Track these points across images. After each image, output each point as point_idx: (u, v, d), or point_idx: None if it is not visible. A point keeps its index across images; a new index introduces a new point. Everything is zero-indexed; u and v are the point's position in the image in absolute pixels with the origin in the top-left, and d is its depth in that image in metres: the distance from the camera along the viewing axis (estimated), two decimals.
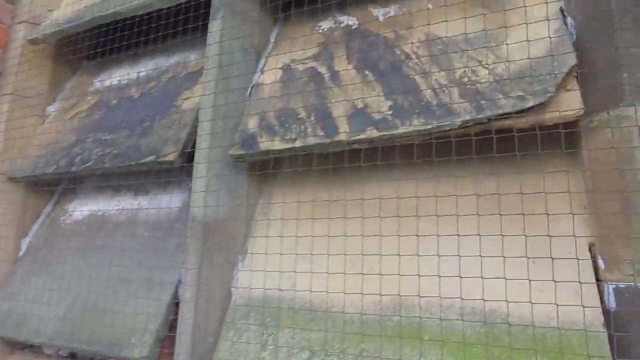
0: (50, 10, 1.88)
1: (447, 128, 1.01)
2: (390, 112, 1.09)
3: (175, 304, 1.25)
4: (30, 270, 1.58)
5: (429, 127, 1.02)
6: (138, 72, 1.72)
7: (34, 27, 1.84)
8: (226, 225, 1.25)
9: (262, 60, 1.42)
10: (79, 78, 1.92)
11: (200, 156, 1.26)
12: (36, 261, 1.60)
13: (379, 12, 1.34)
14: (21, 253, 1.68)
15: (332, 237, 1.14)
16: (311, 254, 1.15)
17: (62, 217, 1.69)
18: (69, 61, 1.91)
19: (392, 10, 1.31)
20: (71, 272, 1.47)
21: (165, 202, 1.48)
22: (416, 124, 1.04)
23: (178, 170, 1.42)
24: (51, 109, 1.85)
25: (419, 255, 1.02)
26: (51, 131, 1.74)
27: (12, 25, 1.87)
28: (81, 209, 1.66)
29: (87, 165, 1.47)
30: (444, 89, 1.07)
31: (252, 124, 1.26)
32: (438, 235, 1.01)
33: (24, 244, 1.69)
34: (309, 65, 1.32)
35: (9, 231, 1.66)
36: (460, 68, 1.09)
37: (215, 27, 1.35)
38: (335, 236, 1.13)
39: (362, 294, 1.05)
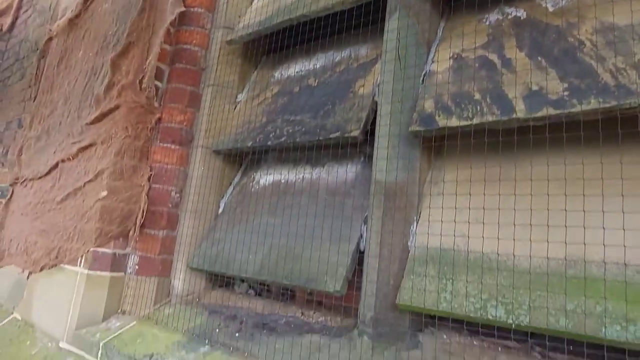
0: (239, 16, 2.30)
1: (627, 107, 1.12)
2: (567, 93, 1.22)
3: (359, 255, 1.52)
4: (229, 224, 2.00)
5: (607, 106, 1.14)
6: (314, 65, 2.05)
7: (228, 31, 2.27)
8: (403, 188, 1.49)
9: (433, 51, 1.63)
10: (260, 71, 2.32)
11: (381, 131, 1.51)
12: (233, 217, 2.01)
13: (547, 3, 1.46)
14: (220, 210, 2.11)
15: (501, 196, 1.31)
16: (484, 208, 1.33)
17: (250, 184, 2.09)
18: (252, 57, 2.32)
19: (562, 0, 1.43)
20: (264, 226, 1.84)
21: (340, 173, 1.77)
22: (594, 104, 1.16)
23: (352, 147, 1.70)
24: (240, 97, 2.27)
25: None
26: (243, 115, 2.15)
27: (211, 29, 2.32)
28: (266, 177, 2.04)
29: (280, 140, 1.82)
30: (622, 72, 1.17)
31: (428, 105, 1.48)
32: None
33: (222, 204, 2.13)
34: (479, 54, 1.49)
35: (212, 193, 2.11)
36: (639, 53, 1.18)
37: (392, 25, 1.59)
38: (506, 195, 1.30)
39: (530, 255, 1.21)
